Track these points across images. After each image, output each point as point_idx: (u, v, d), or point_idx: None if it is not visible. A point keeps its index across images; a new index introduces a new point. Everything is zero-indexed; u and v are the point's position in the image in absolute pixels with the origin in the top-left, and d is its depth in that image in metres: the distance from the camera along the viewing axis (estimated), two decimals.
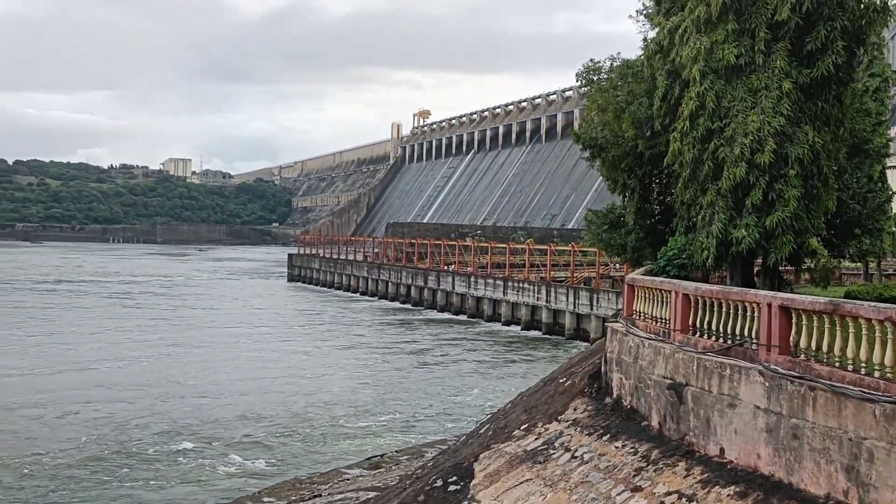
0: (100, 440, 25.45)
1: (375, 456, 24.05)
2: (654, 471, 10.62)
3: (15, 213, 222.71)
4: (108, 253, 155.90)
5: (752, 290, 11.43)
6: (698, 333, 11.82)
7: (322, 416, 29.32)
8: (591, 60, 20.34)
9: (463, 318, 61.92)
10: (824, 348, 9.29)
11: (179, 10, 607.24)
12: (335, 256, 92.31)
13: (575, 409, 13.95)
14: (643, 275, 15.26)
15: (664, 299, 13.00)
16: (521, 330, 55.26)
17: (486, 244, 70.87)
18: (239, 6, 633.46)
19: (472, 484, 12.79)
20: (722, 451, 10.29)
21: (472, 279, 63.22)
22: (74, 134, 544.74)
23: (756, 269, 16.16)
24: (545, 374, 19.92)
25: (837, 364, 9.03)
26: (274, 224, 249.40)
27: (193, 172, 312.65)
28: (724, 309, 11.33)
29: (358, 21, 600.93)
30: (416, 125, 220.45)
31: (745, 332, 10.71)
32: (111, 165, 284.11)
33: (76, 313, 58.90)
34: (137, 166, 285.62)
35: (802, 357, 9.57)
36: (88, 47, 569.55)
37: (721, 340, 11.24)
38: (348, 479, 21.45)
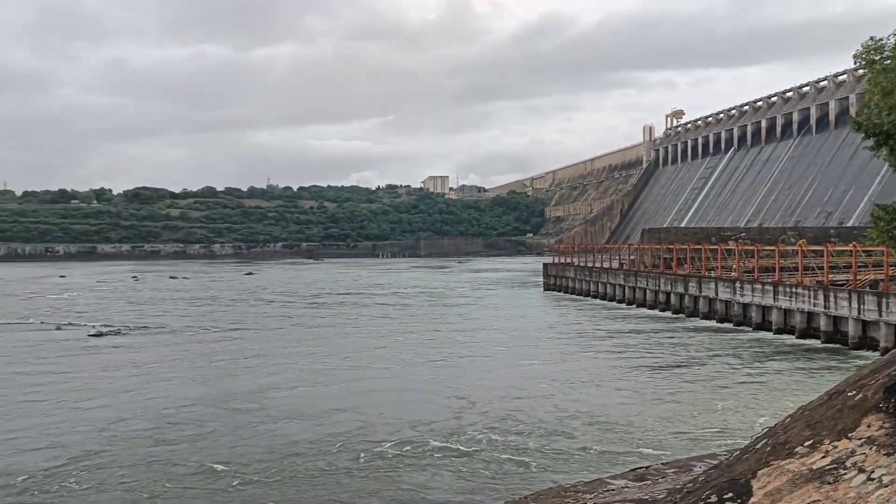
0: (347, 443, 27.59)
1: (640, 467, 23.38)
2: None
3: (300, 233, 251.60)
4: (378, 267, 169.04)
5: None
6: None
7: (582, 425, 29.26)
8: (872, 38, 18.40)
9: (728, 326, 58.51)
10: None
11: (438, 39, 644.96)
12: (590, 265, 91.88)
13: (869, 426, 12.53)
14: None
15: None
16: (796, 338, 50.92)
17: (751, 247, 66.40)
18: (491, 25, 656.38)
19: (750, 502, 12.00)
20: None
21: (738, 285, 59.52)
22: (347, 160, 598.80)
23: None
24: (827, 386, 18.18)
25: None
26: (528, 234, 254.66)
27: (451, 188, 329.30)
28: None
29: (609, 27, 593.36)
30: (669, 126, 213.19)
31: None
32: (378, 186, 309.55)
33: (359, 322, 64.49)
34: (401, 186, 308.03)
35: None
36: (360, 82, 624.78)
37: None
38: (613, 490, 21.12)
